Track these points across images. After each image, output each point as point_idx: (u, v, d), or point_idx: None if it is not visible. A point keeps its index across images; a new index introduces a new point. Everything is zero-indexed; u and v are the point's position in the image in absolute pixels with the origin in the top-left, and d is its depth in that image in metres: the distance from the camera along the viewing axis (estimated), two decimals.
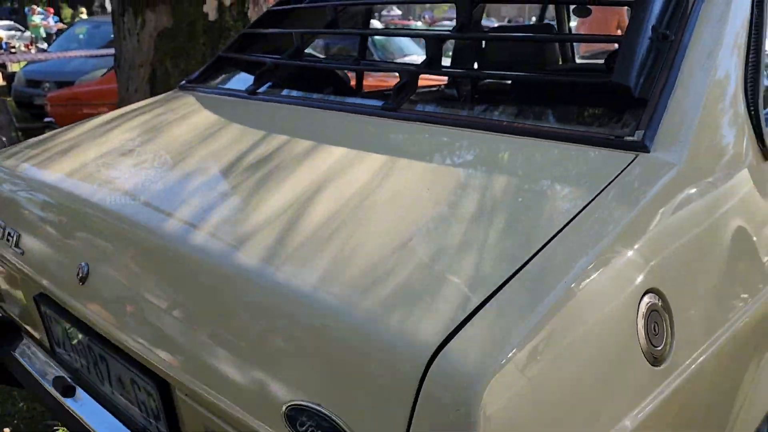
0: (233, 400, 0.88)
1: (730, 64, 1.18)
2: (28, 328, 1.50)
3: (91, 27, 9.21)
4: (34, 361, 1.47)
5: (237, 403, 0.87)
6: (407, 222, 0.96)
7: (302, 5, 1.97)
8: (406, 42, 7.31)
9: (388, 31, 8.85)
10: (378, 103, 1.41)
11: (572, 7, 2.13)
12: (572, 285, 0.78)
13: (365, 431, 0.74)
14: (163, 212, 1.18)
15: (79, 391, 1.33)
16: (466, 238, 0.90)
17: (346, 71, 2.14)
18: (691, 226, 0.98)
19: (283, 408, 0.80)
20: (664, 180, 0.96)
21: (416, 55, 6.67)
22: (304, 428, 0.78)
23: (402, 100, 1.34)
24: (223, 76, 1.95)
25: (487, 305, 0.75)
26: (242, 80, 1.90)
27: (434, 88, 2.34)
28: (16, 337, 1.57)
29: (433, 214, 0.98)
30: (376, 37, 6.61)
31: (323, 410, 0.76)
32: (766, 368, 1.13)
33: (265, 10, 3.35)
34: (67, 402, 1.32)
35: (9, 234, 1.41)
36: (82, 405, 1.31)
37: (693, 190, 1.01)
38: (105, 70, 6.51)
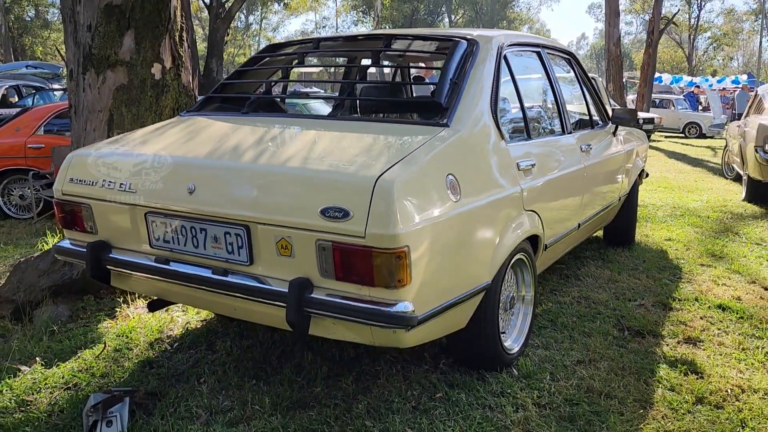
0: (290, 214, 2.16)
1: (485, 94, 2.71)
2: (125, 239, 2.63)
3: None
4: (134, 256, 2.60)
5: (291, 216, 2.15)
6: (355, 146, 2.35)
7: (254, 67, 3.34)
8: None
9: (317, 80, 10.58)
10: (327, 113, 2.80)
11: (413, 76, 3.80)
12: (422, 163, 2.19)
13: (356, 210, 2.05)
14: (224, 153, 2.45)
15: (172, 263, 2.50)
16: (385, 148, 2.32)
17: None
18: (470, 152, 2.48)
19: (318, 209, 2.10)
20: (456, 135, 2.45)
21: None
22: (329, 214, 2.08)
23: (338, 112, 2.75)
24: (213, 106, 3.22)
25: (393, 168, 2.13)
26: (226, 108, 3.20)
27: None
28: (109, 251, 2.68)
29: (363, 143, 2.39)
30: None
31: (338, 205, 2.08)
32: (509, 228, 2.63)
33: (189, 72, 4.67)
34: (167, 267, 2.49)
35: (122, 184, 2.56)
36: (177, 266, 2.48)
37: (468, 143, 2.51)
38: None
